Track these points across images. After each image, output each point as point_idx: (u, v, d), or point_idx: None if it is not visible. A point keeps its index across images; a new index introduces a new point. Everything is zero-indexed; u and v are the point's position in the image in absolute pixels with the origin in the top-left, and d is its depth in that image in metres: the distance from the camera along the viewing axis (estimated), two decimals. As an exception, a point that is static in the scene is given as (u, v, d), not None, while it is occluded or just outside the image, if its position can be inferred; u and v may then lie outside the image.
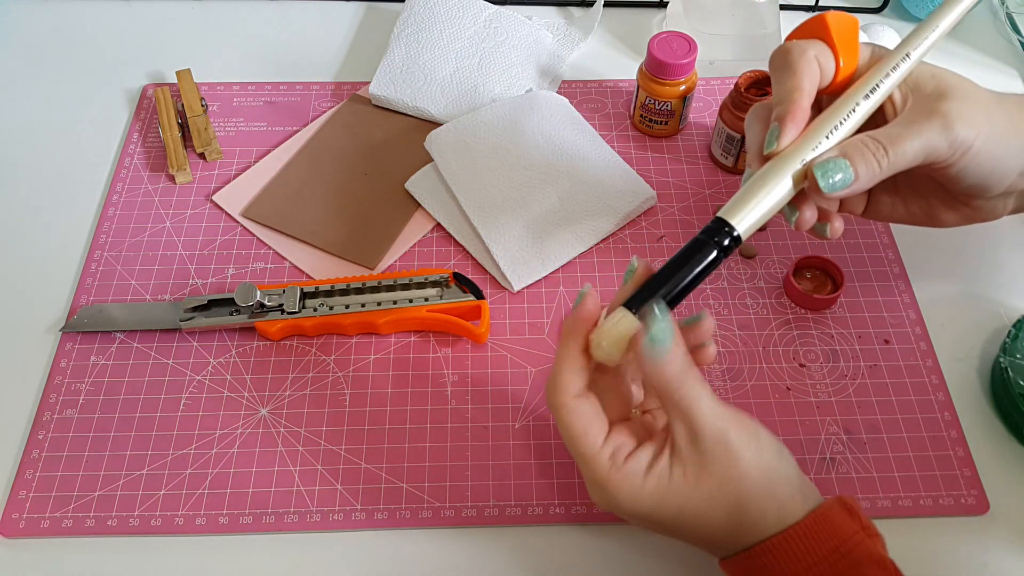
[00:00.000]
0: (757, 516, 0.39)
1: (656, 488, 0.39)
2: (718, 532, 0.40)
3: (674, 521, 0.40)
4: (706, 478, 0.39)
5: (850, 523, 0.39)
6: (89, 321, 0.55)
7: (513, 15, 0.70)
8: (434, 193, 0.60)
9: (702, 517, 0.39)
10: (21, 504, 0.48)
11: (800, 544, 0.38)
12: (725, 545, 0.41)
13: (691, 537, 0.41)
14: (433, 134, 0.60)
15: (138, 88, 0.69)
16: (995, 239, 0.60)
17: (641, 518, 0.40)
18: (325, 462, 0.50)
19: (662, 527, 0.41)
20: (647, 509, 0.39)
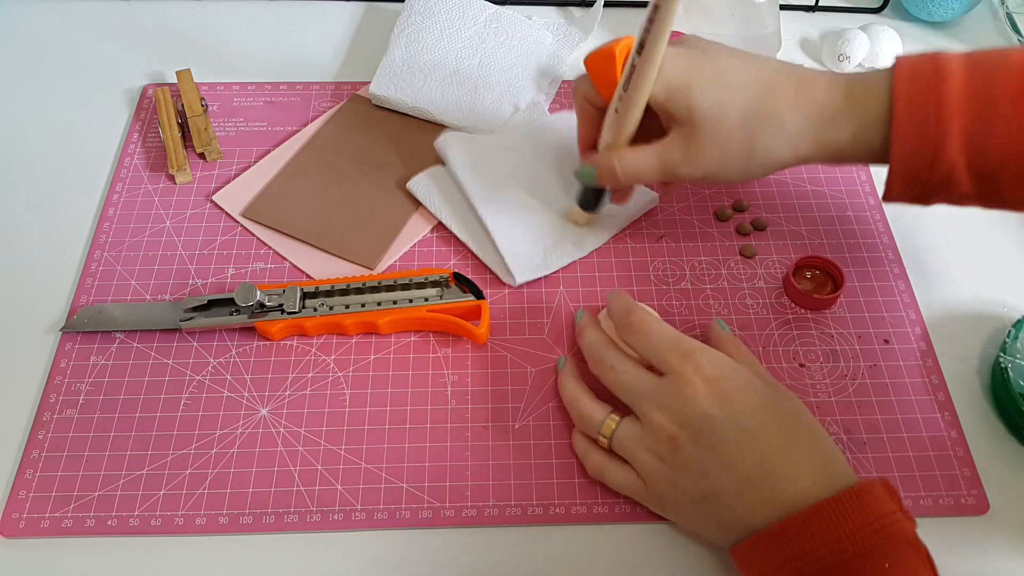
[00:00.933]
0: (800, 471, 0.42)
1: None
2: (765, 464, 0.42)
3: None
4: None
5: (889, 502, 0.41)
6: (89, 321, 0.55)
7: (513, 15, 0.70)
8: (435, 193, 0.60)
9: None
10: (21, 504, 0.48)
11: (840, 513, 0.40)
12: (759, 493, 0.42)
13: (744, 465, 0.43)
14: (442, 138, 0.61)
15: (138, 88, 0.69)
16: (995, 239, 0.60)
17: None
18: (325, 462, 0.50)
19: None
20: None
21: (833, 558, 0.39)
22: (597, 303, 0.57)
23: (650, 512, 0.48)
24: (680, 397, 0.44)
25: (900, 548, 0.39)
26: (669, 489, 0.45)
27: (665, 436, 0.44)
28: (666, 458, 0.44)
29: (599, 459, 0.48)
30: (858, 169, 0.64)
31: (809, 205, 0.62)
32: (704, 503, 0.44)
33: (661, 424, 0.44)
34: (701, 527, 0.46)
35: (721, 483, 0.43)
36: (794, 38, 0.73)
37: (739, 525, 0.43)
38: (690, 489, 0.44)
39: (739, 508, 0.43)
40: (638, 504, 0.48)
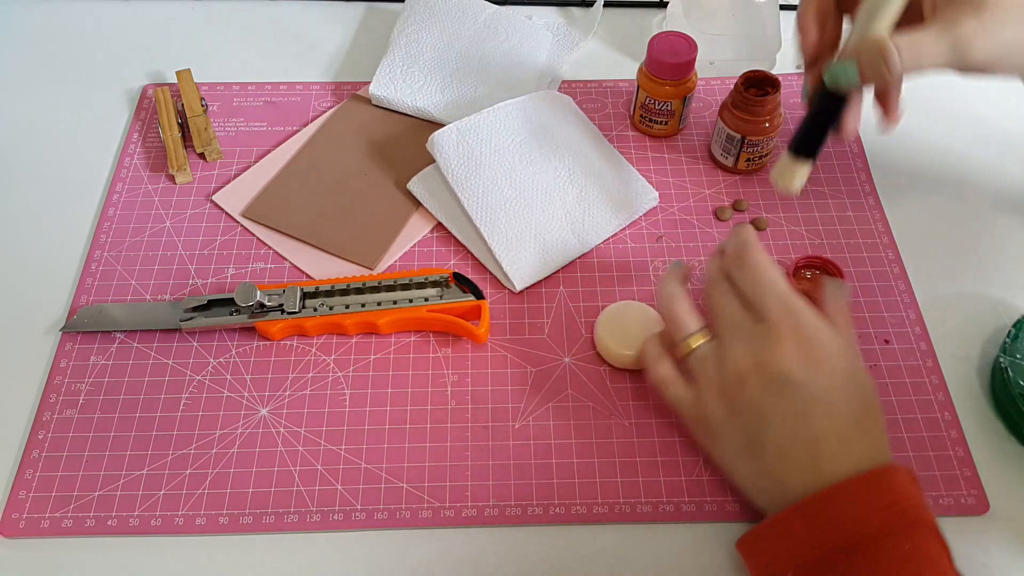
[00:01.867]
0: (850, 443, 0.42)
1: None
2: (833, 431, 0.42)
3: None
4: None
5: (911, 488, 0.41)
6: (89, 321, 0.55)
7: (513, 15, 0.70)
8: (435, 193, 0.60)
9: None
10: (21, 504, 0.48)
11: (867, 491, 0.41)
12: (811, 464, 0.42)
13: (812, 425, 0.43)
14: (435, 135, 0.60)
15: (138, 88, 0.69)
16: (995, 239, 0.60)
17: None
18: (325, 462, 0.50)
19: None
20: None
21: (857, 535, 0.40)
22: (597, 303, 0.57)
23: (650, 512, 0.48)
24: (767, 346, 0.44)
25: (923, 532, 0.40)
26: (721, 422, 0.45)
27: (737, 373, 0.44)
28: (730, 393, 0.45)
29: (667, 370, 0.48)
30: (858, 169, 0.64)
31: (809, 205, 0.62)
32: (748, 447, 0.44)
33: (738, 361, 0.44)
34: (736, 468, 0.46)
35: (772, 437, 0.43)
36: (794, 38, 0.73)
37: (772, 480, 0.44)
38: (741, 430, 0.44)
39: (779, 466, 0.43)
40: (638, 504, 0.48)
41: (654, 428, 0.51)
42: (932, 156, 0.65)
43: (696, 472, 0.50)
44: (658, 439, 0.51)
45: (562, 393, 0.53)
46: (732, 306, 0.47)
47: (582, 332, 0.55)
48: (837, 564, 0.40)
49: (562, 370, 0.54)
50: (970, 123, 0.67)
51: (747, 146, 0.60)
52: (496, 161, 0.60)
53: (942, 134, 0.66)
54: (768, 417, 0.43)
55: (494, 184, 0.59)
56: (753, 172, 0.63)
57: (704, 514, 0.48)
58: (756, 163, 0.62)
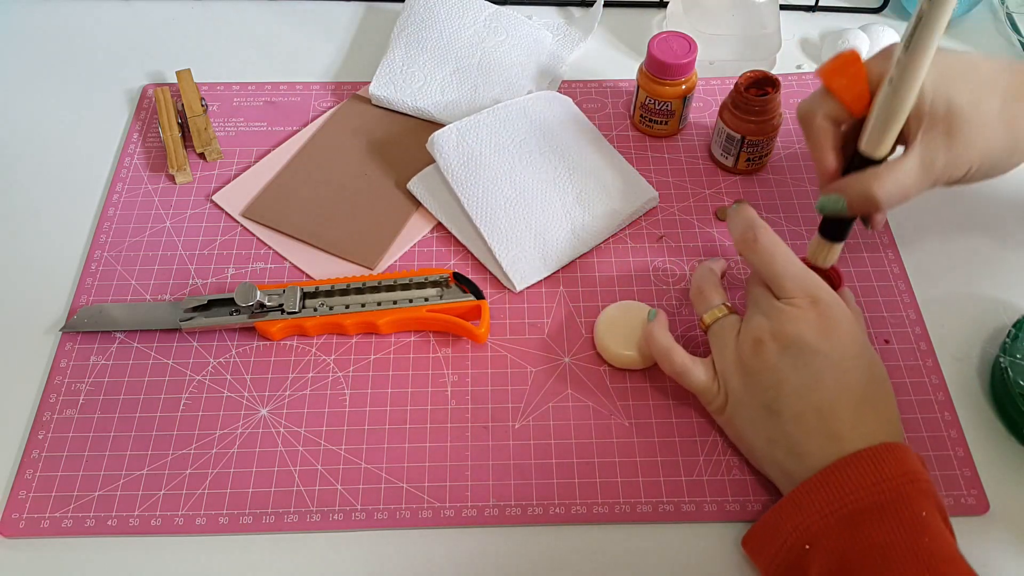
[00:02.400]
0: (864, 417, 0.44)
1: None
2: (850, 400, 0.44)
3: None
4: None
5: (922, 469, 0.43)
6: (89, 321, 0.55)
7: (513, 15, 0.70)
8: (435, 193, 0.60)
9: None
10: (21, 504, 0.48)
11: (879, 460, 0.42)
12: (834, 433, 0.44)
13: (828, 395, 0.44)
14: (435, 135, 0.60)
15: (138, 88, 0.69)
16: (995, 239, 0.60)
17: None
18: (325, 462, 0.50)
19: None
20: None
21: (875, 500, 0.41)
22: (597, 303, 0.57)
23: (650, 512, 0.48)
24: (785, 315, 0.46)
25: (932, 506, 0.41)
26: (738, 390, 0.47)
27: (754, 338, 0.46)
28: (747, 358, 0.46)
29: (684, 358, 0.49)
30: (858, 169, 0.64)
31: (809, 205, 0.62)
32: (765, 414, 0.46)
33: (757, 326, 0.46)
34: (751, 438, 0.47)
35: (788, 401, 0.45)
36: (794, 38, 0.73)
37: (787, 446, 0.45)
38: (757, 395, 0.46)
39: (795, 431, 0.44)
40: (638, 504, 0.48)
41: (654, 428, 0.51)
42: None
43: (696, 472, 0.50)
44: (658, 439, 0.51)
45: (562, 393, 0.53)
46: (756, 286, 0.49)
47: (582, 332, 0.55)
48: (853, 529, 0.40)
49: (562, 370, 0.54)
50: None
51: (747, 146, 0.60)
52: (496, 161, 0.60)
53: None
54: (783, 381, 0.45)
55: (494, 184, 0.59)
56: (753, 172, 0.63)
57: (704, 514, 0.48)
58: (756, 163, 0.62)
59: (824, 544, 0.41)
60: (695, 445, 0.50)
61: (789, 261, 0.47)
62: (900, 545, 0.39)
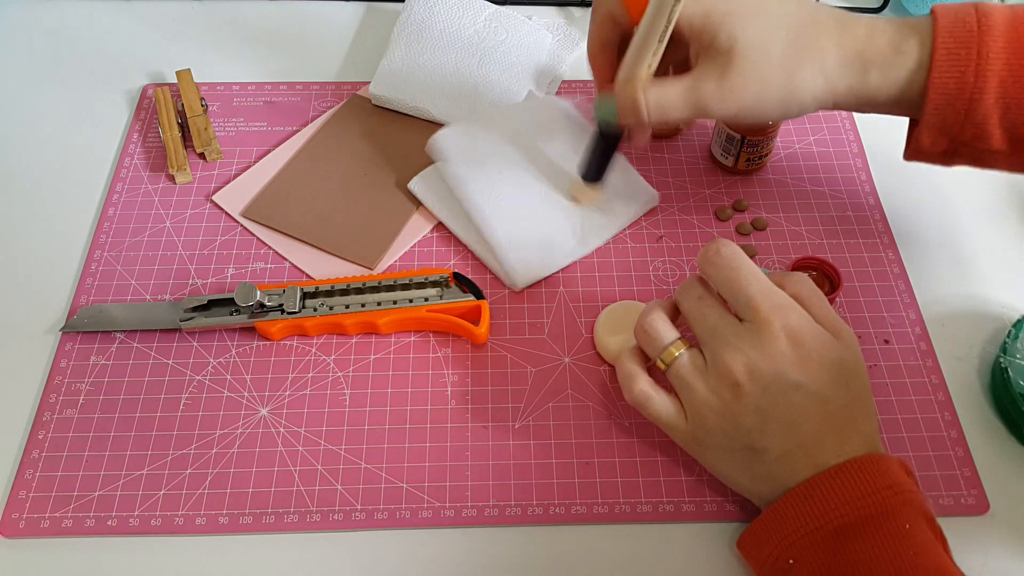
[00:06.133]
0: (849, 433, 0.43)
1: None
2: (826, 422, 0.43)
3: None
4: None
5: (906, 478, 0.42)
6: (89, 321, 0.55)
7: (513, 15, 0.70)
8: (436, 193, 0.60)
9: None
10: (21, 504, 0.48)
11: (861, 474, 0.41)
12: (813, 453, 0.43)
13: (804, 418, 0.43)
14: (436, 136, 0.60)
15: (138, 88, 0.69)
16: (995, 239, 0.60)
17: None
18: (325, 462, 0.50)
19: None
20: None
21: (856, 515, 0.40)
22: (597, 303, 0.57)
23: (650, 512, 0.48)
24: (760, 349, 0.42)
25: (916, 516, 0.40)
26: (715, 431, 0.44)
27: (731, 381, 0.43)
28: (725, 401, 0.43)
29: (645, 387, 0.46)
30: (858, 169, 0.64)
31: (809, 205, 0.62)
32: (746, 455, 0.44)
33: (731, 368, 0.43)
34: (731, 474, 0.46)
35: (772, 441, 0.43)
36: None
37: (773, 482, 0.44)
38: (738, 439, 0.43)
39: (781, 469, 0.43)
40: (638, 504, 0.48)
41: (654, 428, 0.51)
42: (932, 156, 0.65)
43: (696, 472, 0.50)
44: (658, 439, 0.51)
45: (562, 393, 0.53)
46: (712, 309, 0.45)
47: (582, 332, 0.55)
48: (838, 545, 0.40)
49: (562, 370, 0.54)
50: (970, 123, 0.67)
51: (747, 146, 0.60)
52: (496, 162, 0.60)
53: (942, 134, 0.66)
54: (767, 422, 0.43)
55: (494, 185, 0.59)
56: (753, 172, 0.63)
57: (704, 514, 0.48)
58: (756, 163, 0.62)
59: (809, 559, 0.41)
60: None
61: (756, 275, 0.44)
62: (883, 561, 0.39)
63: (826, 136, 0.66)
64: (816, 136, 0.66)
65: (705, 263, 0.45)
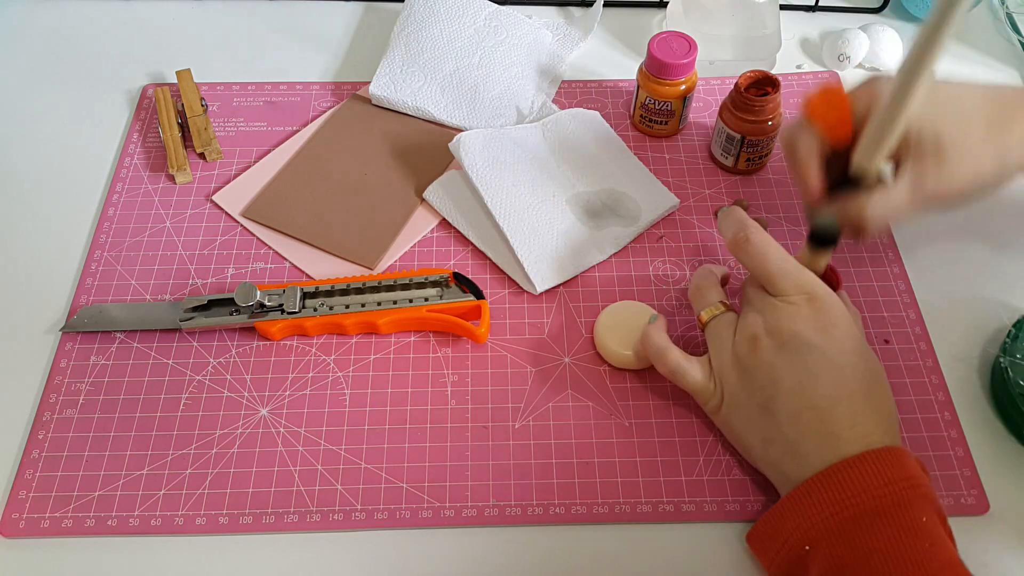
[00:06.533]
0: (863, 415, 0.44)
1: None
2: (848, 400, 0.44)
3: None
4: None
5: (922, 473, 0.43)
6: (89, 321, 0.55)
7: (513, 15, 0.70)
8: (451, 201, 0.60)
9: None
10: (21, 504, 0.48)
11: (880, 464, 0.42)
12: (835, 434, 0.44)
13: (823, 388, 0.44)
14: (462, 136, 0.60)
15: (138, 88, 0.69)
16: (995, 239, 0.60)
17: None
18: (325, 462, 0.50)
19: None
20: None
21: (875, 504, 0.41)
22: (597, 303, 0.57)
23: (650, 512, 0.48)
24: (781, 312, 0.46)
25: (931, 511, 0.41)
26: (734, 388, 0.47)
27: (750, 334, 0.46)
28: (743, 356, 0.46)
29: (678, 357, 0.49)
30: (858, 169, 0.64)
31: (809, 205, 0.62)
32: (761, 413, 0.45)
33: (752, 323, 0.46)
34: (749, 437, 0.47)
35: (784, 400, 0.44)
36: (794, 38, 0.73)
37: (785, 446, 0.44)
38: (753, 394, 0.46)
39: (791, 431, 0.44)
40: (638, 504, 0.48)
41: (654, 428, 0.51)
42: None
43: (696, 472, 0.50)
44: (658, 439, 0.51)
45: (562, 393, 0.53)
46: (751, 286, 0.49)
47: (582, 332, 0.55)
48: (855, 532, 0.40)
49: (562, 370, 0.54)
50: (970, 123, 0.67)
51: (747, 146, 0.60)
52: (520, 168, 0.60)
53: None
54: (779, 377, 0.45)
55: (517, 188, 0.59)
56: (753, 172, 0.63)
57: (704, 514, 0.48)
58: (756, 163, 0.62)
59: (824, 547, 0.41)
60: (695, 445, 0.50)
61: (782, 259, 0.47)
62: (900, 551, 0.39)
63: (826, 136, 0.66)
64: (816, 136, 0.66)
65: (736, 249, 0.48)
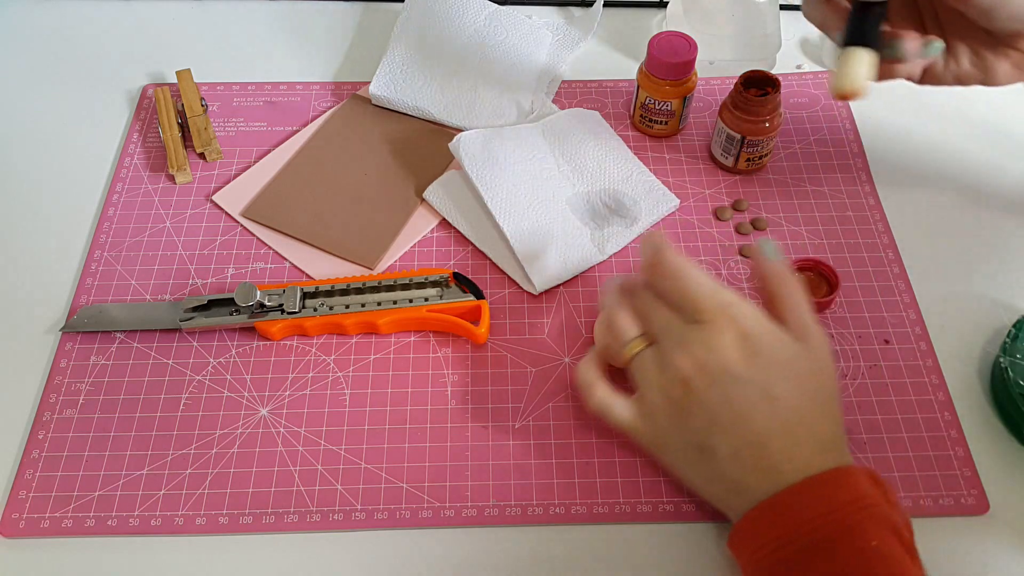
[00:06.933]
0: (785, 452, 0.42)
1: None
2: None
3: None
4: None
5: (873, 489, 0.41)
6: (89, 321, 0.55)
7: (513, 15, 0.70)
8: (451, 201, 0.60)
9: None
10: (21, 504, 0.48)
11: (825, 489, 0.40)
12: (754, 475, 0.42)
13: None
14: (461, 136, 0.60)
15: (138, 88, 0.69)
16: (995, 239, 0.60)
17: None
18: (325, 462, 0.50)
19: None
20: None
21: (824, 532, 0.39)
22: (597, 303, 0.56)
23: (650, 512, 0.48)
24: (706, 345, 0.43)
25: (883, 531, 0.39)
26: (669, 430, 0.44)
27: (680, 377, 0.43)
28: (675, 399, 0.44)
29: (604, 392, 0.47)
30: (858, 169, 0.64)
31: (809, 205, 0.62)
32: (699, 454, 0.44)
33: (679, 366, 0.43)
34: (688, 474, 0.45)
35: (721, 439, 0.42)
36: (794, 38, 0.73)
37: (727, 484, 0.43)
38: (689, 436, 0.44)
39: (732, 469, 0.43)
40: (638, 504, 0.48)
41: (654, 428, 0.51)
42: (932, 156, 0.65)
43: (696, 472, 0.50)
44: (658, 439, 0.51)
45: (562, 393, 0.53)
46: (661, 311, 0.45)
47: (582, 332, 0.55)
48: (805, 568, 0.39)
49: (562, 370, 0.54)
50: (970, 123, 0.67)
51: (747, 146, 0.60)
52: (520, 168, 0.60)
53: (942, 134, 0.66)
54: (716, 417, 0.43)
55: (517, 189, 0.59)
56: (753, 172, 0.63)
57: (704, 514, 0.48)
58: (756, 163, 0.62)
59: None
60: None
61: (702, 278, 0.44)
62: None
63: (826, 136, 0.66)
64: (816, 136, 0.66)
65: (651, 273, 0.46)
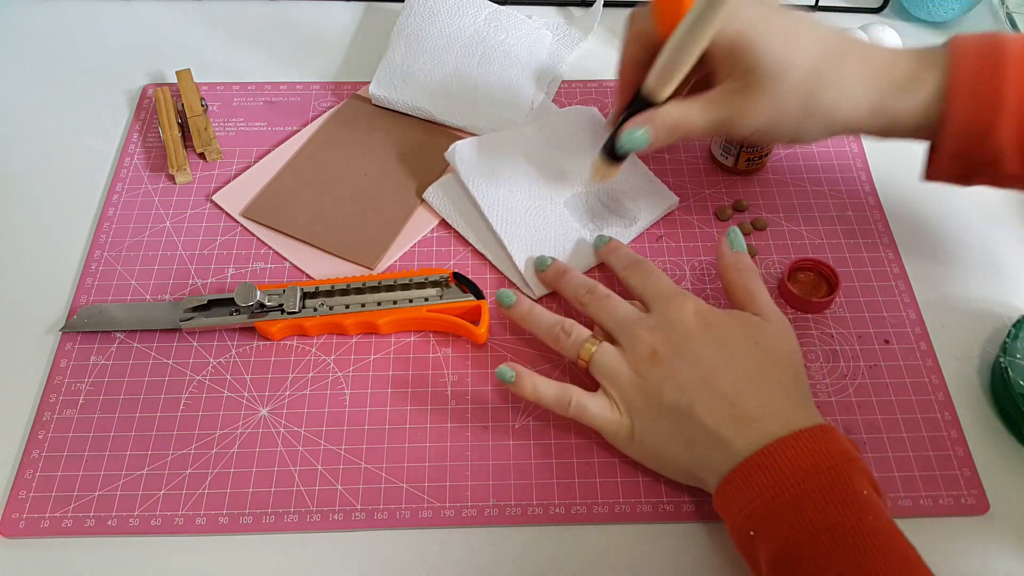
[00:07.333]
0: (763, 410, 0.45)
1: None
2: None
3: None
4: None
5: (854, 449, 0.43)
6: (89, 321, 0.55)
7: (513, 14, 0.70)
8: (451, 203, 0.60)
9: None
10: (21, 504, 0.48)
11: (814, 442, 0.42)
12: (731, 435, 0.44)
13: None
14: (456, 145, 0.60)
15: (138, 88, 0.69)
16: (995, 239, 0.60)
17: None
18: (325, 462, 0.50)
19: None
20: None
21: (811, 483, 0.40)
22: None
23: (650, 512, 0.48)
24: (667, 320, 0.48)
25: (870, 486, 0.41)
26: (644, 405, 0.46)
27: (648, 351, 0.47)
28: (645, 372, 0.47)
29: (579, 396, 0.48)
30: (858, 169, 0.64)
31: (809, 205, 0.62)
32: (677, 418, 0.45)
33: (645, 339, 0.47)
34: (670, 447, 0.46)
35: (696, 396, 0.45)
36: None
37: (707, 441, 0.44)
38: (664, 402, 0.46)
39: (711, 422, 0.44)
40: (638, 504, 0.48)
41: (654, 428, 0.51)
42: (932, 156, 0.65)
43: (696, 472, 0.50)
44: (658, 439, 0.51)
45: (562, 393, 0.53)
46: (622, 304, 0.50)
47: (582, 332, 0.55)
48: (796, 514, 0.40)
49: (562, 370, 0.54)
50: (970, 123, 0.67)
51: (747, 146, 0.60)
52: (517, 172, 0.60)
53: (942, 134, 0.66)
54: (687, 378, 0.45)
55: (513, 194, 0.59)
56: (753, 172, 0.63)
57: (704, 514, 0.48)
58: (756, 163, 0.62)
59: (768, 531, 0.41)
60: (695, 445, 0.50)
61: (667, 278, 0.51)
62: (845, 525, 0.39)
63: (826, 136, 0.66)
64: (816, 136, 0.66)
65: (629, 266, 0.52)
